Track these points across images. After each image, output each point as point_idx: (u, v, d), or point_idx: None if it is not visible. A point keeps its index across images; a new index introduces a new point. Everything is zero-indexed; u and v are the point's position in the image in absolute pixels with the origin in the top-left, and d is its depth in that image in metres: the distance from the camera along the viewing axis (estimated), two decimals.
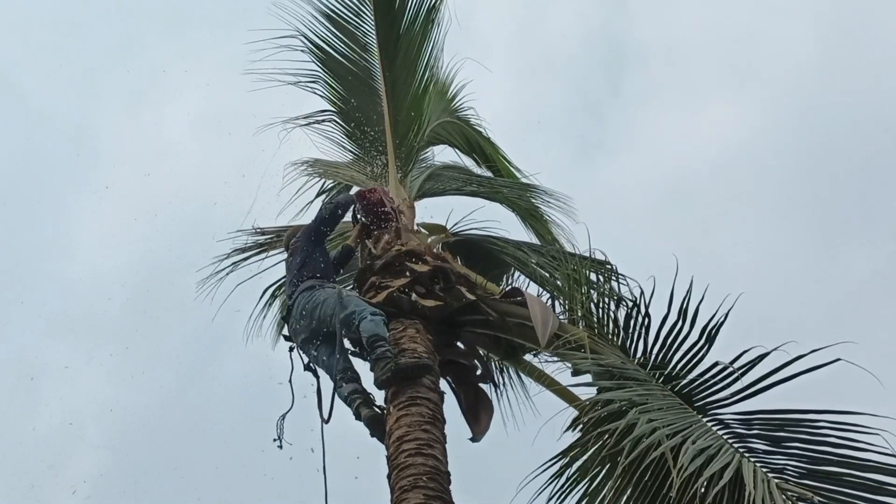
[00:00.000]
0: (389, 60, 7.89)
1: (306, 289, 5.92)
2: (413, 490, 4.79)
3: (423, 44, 7.98)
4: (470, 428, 5.95)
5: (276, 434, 5.71)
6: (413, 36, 7.94)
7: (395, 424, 5.18)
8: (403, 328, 5.75)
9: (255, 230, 7.53)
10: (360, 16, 8.11)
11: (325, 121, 8.28)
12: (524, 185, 8.21)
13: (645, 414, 4.42)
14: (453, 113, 8.50)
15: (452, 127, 8.50)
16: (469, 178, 8.13)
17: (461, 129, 8.54)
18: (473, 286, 6.17)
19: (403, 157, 7.66)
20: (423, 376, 5.37)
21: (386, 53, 7.89)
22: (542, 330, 5.41)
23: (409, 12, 7.90)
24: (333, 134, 8.30)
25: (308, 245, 6.22)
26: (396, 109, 7.79)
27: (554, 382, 5.76)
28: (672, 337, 5.24)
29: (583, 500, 4.56)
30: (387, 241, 6.32)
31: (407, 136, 7.77)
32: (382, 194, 6.67)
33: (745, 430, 4.65)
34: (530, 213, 7.96)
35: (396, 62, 7.91)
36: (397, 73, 7.90)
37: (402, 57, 7.93)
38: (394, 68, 7.89)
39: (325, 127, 8.30)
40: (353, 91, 8.14)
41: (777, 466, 4.43)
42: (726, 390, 4.86)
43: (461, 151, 8.60)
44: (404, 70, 7.92)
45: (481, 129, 8.60)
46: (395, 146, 7.52)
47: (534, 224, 7.95)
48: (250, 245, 7.51)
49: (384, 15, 7.91)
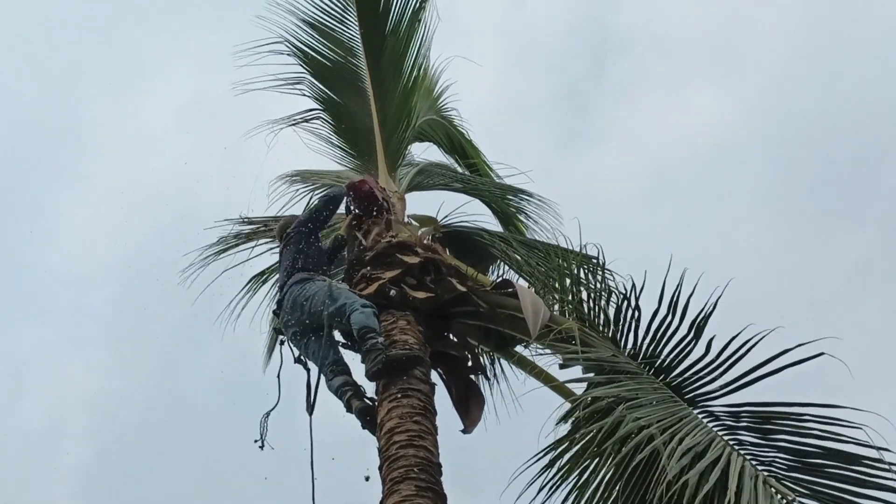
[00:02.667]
0: (375, 62, 7.88)
1: (297, 281, 5.92)
2: (404, 481, 4.81)
3: (410, 44, 7.95)
4: (461, 419, 5.99)
5: (260, 433, 5.70)
6: (399, 37, 7.92)
7: (386, 416, 5.20)
8: (394, 320, 5.76)
9: (242, 220, 7.52)
10: (344, 22, 8.12)
11: (312, 118, 8.25)
12: (508, 186, 8.19)
13: (634, 411, 4.45)
14: (439, 111, 8.48)
15: (438, 126, 8.49)
16: (456, 175, 8.12)
17: (446, 128, 8.53)
18: (464, 278, 6.18)
19: (392, 153, 7.65)
20: (414, 368, 5.39)
21: (371, 55, 7.90)
22: (532, 321, 5.42)
23: (393, 15, 7.89)
24: (321, 131, 8.29)
25: (301, 237, 6.21)
26: (384, 107, 7.78)
27: (546, 375, 5.78)
28: (662, 330, 5.27)
29: (573, 491, 4.59)
30: (377, 232, 6.33)
31: (396, 131, 7.75)
32: (373, 185, 6.67)
33: (735, 422, 4.70)
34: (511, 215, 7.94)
35: (382, 63, 7.89)
36: (384, 73, 7.89)
37: (388, 58, 7.91)
38: (380, 68, 7.88)
39: (314, 124, 8.29)
40: (340, 91, 8.14)
41: (766, 459, 4.48)
42: (715, 382, 4.91)
43: (445, 151, 8.59)
44: (391, 70, 7.90)
45: (463, 131, 8.62)
46: (383, 141, 7.52)
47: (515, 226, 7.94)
48: (236, 234, 7.49)
49: (369, 20, 7.91)
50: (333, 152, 8.23)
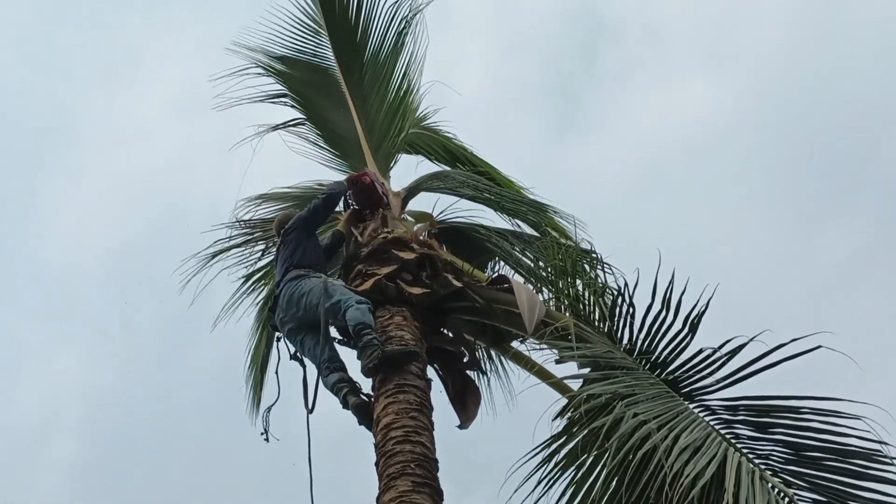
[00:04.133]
0: (355, 83, 7.85)
1: (293, 278, 5.90)
2: (401, 477, 4.81)
3: (394, 65, 7.89)
4: (457, 415, 5.99)
5: (263, 428, 5.73)
6: (379, 63, 7.88)
7: (382, 412, 5.20)
8: (390, 316, 5.75)
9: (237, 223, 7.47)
10: (318, 55, 8.10)
11: (298, 125, 8.19)
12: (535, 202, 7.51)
13: (632, 407, 4.45)
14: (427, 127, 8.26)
15: (430, 138, 8.29)
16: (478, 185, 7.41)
17: (440, 141, 8.30)
18: (460, 273, 6.18)
19: (383, 157, 7.60)
20: (410, 363, 5.39)
21: (351, 79, 7.87)
22: (528, 316, 5.42)
23: (372, 43, 7.88)
24: (308, 136, 8.21)
25: (300, 234, 6.20)
26: (370, 121, 7.75)
27: (542, 371, 5.78)
28: (657, 326, 5.26)
29: (570, 486, 4.59)
30: (373, 229, 6.32)
31: (385, 140, 7.69)
32: (374, 178, 6.65)
33: (731, 416, 4.70)
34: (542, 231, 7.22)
35: (364, 85, 7.87)
36: (366, 93, 7.86)
37: (370, 80, 7.87)
38: (361, 89, 7.85)
39: (300, 129, 8.22)
40: (323, 107, 8.09)
41: (763, 452, 4.49)
42: (711, 377, 4.91)
43: (437, 161, 8.28)
44: (374, 89, 7.86)
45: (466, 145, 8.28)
46: (372, 150, 7.49)
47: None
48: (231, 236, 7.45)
49: (345, 51, 7.90)
50: (322, 154, 8.18)
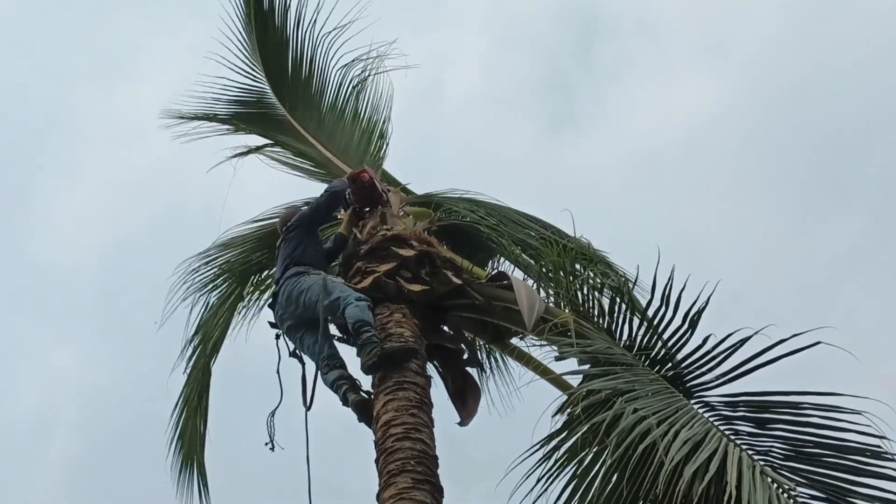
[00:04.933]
0: (315, 129, 7.90)
1: (292, 275, 5.91)
2: (401, 474, 4.81)
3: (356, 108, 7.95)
4: (457, 412, 6.00)
5: (268, 434, 5.70)
6: (337, 112, 7.93)
7: (382, 409, 5.20)
8: (390, 313, 5.76)
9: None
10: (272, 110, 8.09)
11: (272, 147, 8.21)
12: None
13: (632, 403, 4.45)
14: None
15: None
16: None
17: None
18: (459, 270, 6.17)
19: None
20: (409, 360, 5.39)
21: (309, 126, 7.90)
22: (528, 313, 5.41)
23: (328, 96, 7.92)
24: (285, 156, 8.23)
25: (301, 232, 6.20)
26: (341, 149, 7.81)
27: (542, 367, 5.78)
28: (656, 321, 5.26)
29: (570, 482, 4.59)
30: (372, 226, 6.33)
31: (364, 158, 7.71)
32: (373, 175, 6.65)
33: (731, 412, 4.70)
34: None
35: (325, 126, 7.92)
36: (330, 130, 7.91)
37: (331, 122, 7.92)
38: (324, 130, 7.90)
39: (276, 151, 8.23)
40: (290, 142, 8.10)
41: (762, 448, 4.49)
42: (711, 373, 4.91)
43: None
44: (338, 127, 7.92)
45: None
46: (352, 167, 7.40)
47: None
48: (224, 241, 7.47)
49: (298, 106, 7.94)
50: (303, 167, 8.17)
